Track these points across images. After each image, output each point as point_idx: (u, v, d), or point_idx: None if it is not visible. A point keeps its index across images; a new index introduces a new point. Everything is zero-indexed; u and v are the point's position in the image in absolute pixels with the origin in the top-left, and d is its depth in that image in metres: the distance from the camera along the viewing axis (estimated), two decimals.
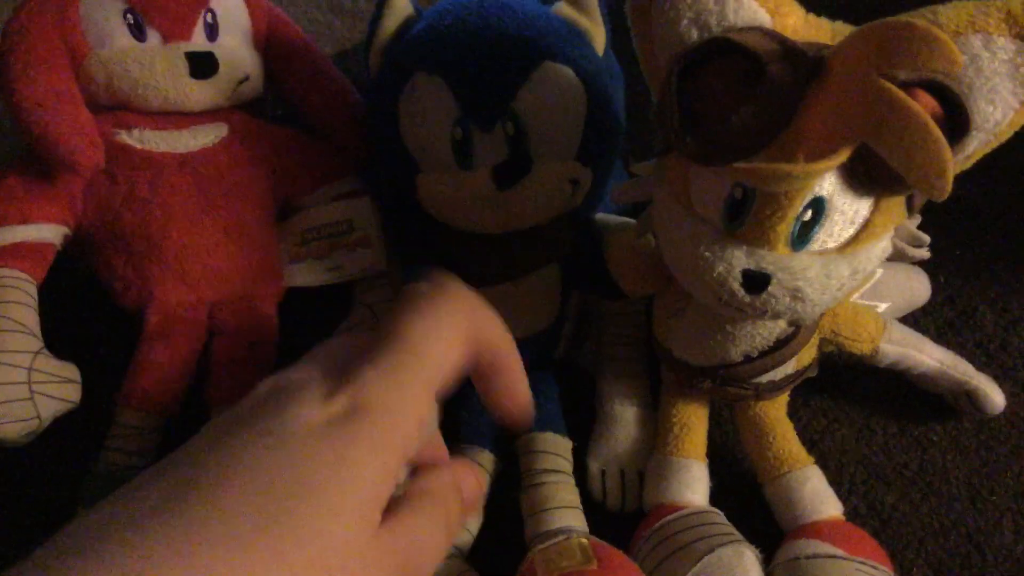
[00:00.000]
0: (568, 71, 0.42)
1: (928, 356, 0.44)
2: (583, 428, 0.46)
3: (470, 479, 0.28)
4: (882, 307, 0.45)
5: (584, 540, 0.38)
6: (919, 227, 0.37)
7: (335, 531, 0.20)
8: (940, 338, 0.49)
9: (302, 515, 0.20)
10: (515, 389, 0.29)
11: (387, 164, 0.46)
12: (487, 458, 0.45)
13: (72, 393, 0.43)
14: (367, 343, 0.26)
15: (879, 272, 0.43)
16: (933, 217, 0.37)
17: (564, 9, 0.44)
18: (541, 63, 0.41)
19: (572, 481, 0.43)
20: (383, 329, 0.26)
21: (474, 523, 0.42)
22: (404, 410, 0.23)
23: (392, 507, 0.23)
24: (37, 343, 0.43)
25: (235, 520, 0.19)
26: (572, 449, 0.45)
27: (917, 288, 0.48)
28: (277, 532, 0.19)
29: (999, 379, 0.45)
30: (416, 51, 0.42)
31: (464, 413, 0.46)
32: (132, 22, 0.46)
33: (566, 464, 0.44)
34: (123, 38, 0.46)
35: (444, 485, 0.26)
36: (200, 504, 0.20)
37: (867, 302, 0.45)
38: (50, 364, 0.42)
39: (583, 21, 0.44)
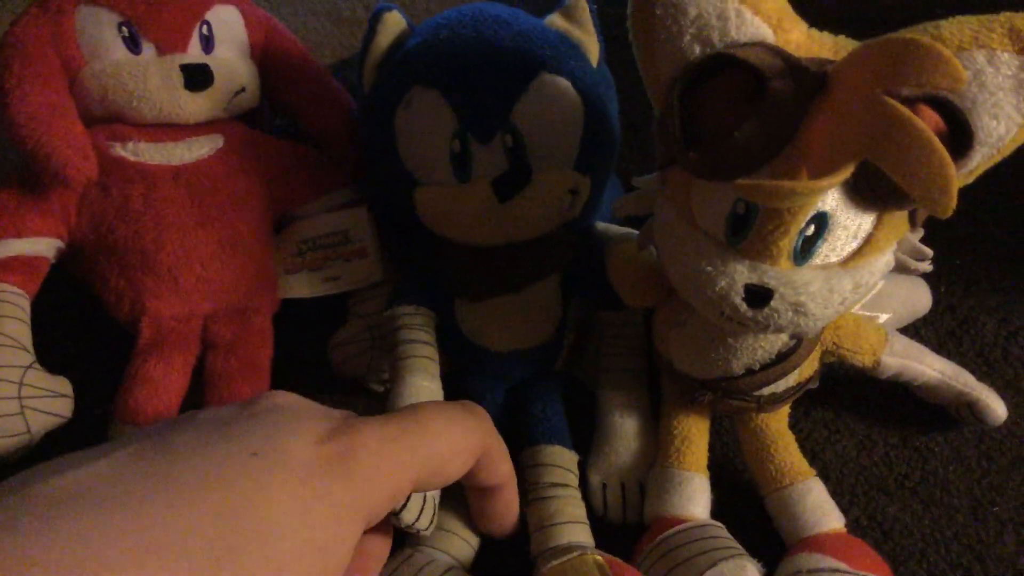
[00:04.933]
0: (565, 82, 0.42)
1: (929, 367, 0.43)
2: (583, 440, 0.46)
3: None
4: (883, 318, 0.45)
5: (599, 557, 0.37)
6: (922, 239, 0.37)
7: None
8: (941, 348, 0.49)
9: (253, 561, 0.20)
10: (509, 514, 0.31)
11: (384, 180, 0.45)
12: None
13: (63, 408, 0.43)
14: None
15: (880, 283, 0.43)
16: (933, 227, 0.36)
17: (557, 21, 0.44)
18: (538, 74, 0.41)
19: (579, 495, 0.43)
20: (404, 409, 0.27)
21: (475, 536, 0.42)
22: (385, 481, 0.23)
23: None
24: (28, 357, 0.43)
25: (192, 541, 0.19)
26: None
27: (918, 299, 0.48)
28: (225, 568, 0.19)
29: (1000, 389, 0.45)
30: (412, 65, 0.42)
31: None
32: (127, 35, 0.46)
33: (573, 478, 0.43)
34: (118, 51, 0.46)
35: None
36: (166, 508, 0.19)
37: (868, 313, 0.45)
38: (41, 378, 0.42)
39: (577, 33, 0.44)
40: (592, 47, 0.44)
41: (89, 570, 0.17)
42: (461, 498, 0.41)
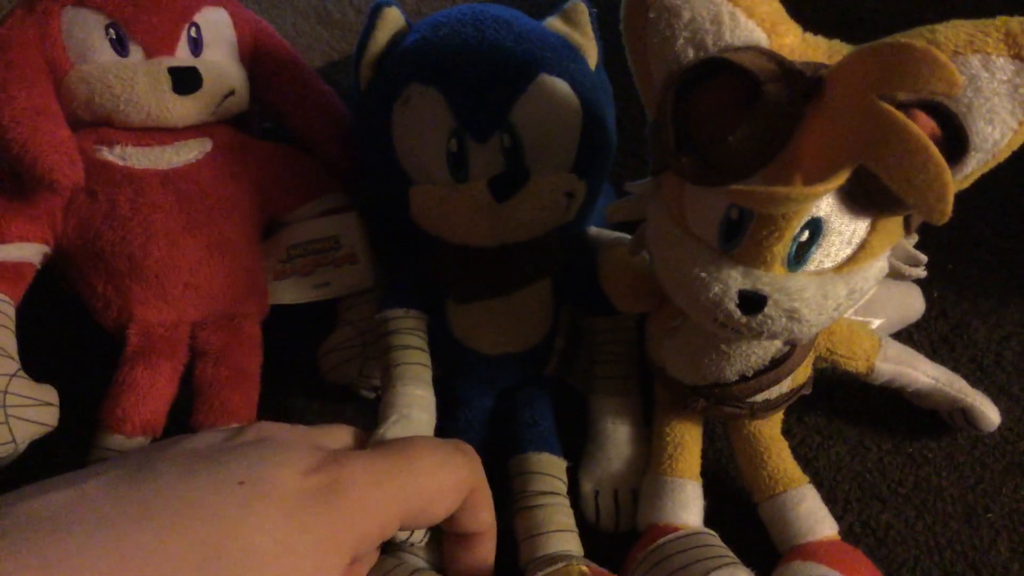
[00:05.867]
0: (564, 84, 0.42)
1: (923, 373, 0.43)
2: (575, 447, 0.45)
3: None
4: (876, 323, 0.45)
5: (584, 568, 0.37)
6: (914, 244, 0.36)
7: None
8: (934, 353, 0.49)
9: None
10: (482, 569, 0.32)
11: (378, 178, 0.45)
12: None
13: (49, 416, 0.42)
14: (370, 445, 0.26)
15: (873, 288, 0.43)
16: (925, 231, 0.36)
17: (557, 24, 0.44)
18: (537, 75, 0.41)
19: (568, 503, 0.42)
20: (394, 443, 0.27)
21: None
22: (372, 516, 0.24)
23: None
24: (13, 365, 0.42)
25: (175, 567, 0.19)
26: (566, 469, 0.44)
27: (911, 304, 0.48)
28: None
29: (993, 395, 0.44)
30: (411, 62, 0.41)
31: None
32: (114, 37, 0.45)
33: (561, 485, 0.43)
34: (105, 53, 0.45)
35: None
36: (151, 533, 0.19)
37: (861, 318, 0.45)
38: (27, 387, 0.41)
39: (576, 36, 0.44)
40: (591, 51, 0.44)
41: None
42: None
